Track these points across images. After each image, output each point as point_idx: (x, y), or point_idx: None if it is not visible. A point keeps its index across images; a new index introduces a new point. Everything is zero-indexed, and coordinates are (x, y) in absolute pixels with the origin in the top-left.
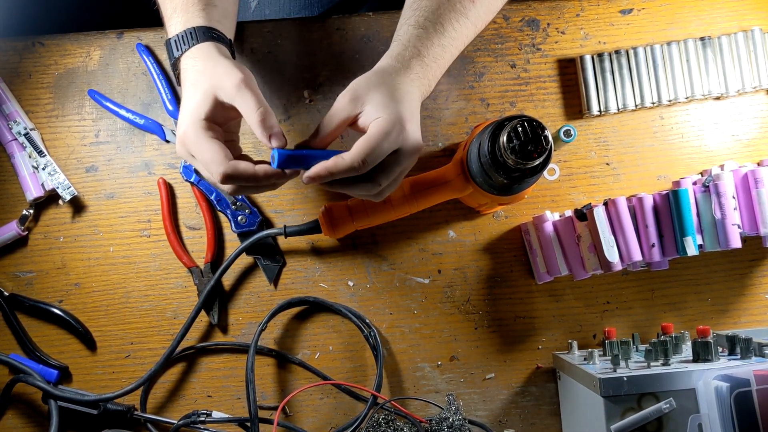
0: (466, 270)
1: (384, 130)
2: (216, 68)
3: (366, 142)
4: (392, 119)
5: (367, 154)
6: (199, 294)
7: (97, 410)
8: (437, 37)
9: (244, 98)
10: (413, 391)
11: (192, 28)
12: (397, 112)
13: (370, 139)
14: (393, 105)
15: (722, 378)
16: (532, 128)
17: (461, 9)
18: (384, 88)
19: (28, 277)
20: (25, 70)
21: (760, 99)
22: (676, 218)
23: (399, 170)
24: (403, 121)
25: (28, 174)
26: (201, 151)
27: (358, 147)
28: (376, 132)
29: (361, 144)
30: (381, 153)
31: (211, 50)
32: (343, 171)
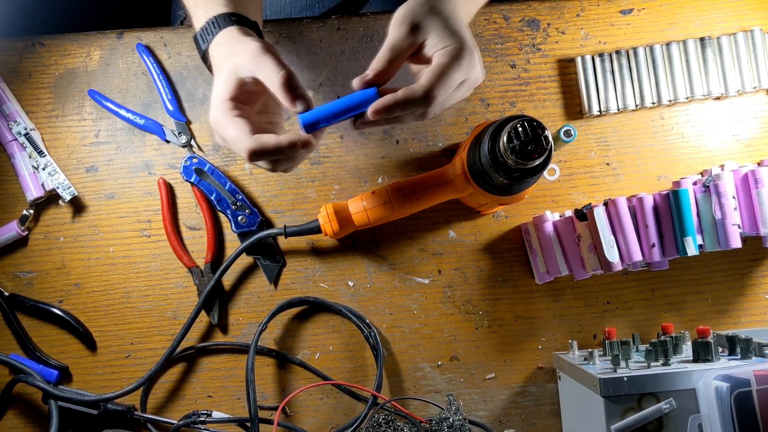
0: (466, 270)
1: (455, 57)
2: (236, 47)
3: (438, 72)
4: (462, 47)
5: (439, 85)
6: (199, 294)
7: (97, 410)
8: None
9: (262, 66)
10: (413, 392)
11: (213, 17)
12: (466, 40)
13: (442, 68)
14: (459, 32)
15: (722, 378)
16: (532, 128)
17: None
18: (441, 15)
19: (28, 277)
20: (25, 70)
21: (760, 99)
22: (677, 218)
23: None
24: (472, 50)
25: (29, 174)
26: (226, 130)
27: (431, 77)
28: (448, 60)
29: (434, 74)
30: (452, 84)
31: (233, 33)
32: (412, 104)
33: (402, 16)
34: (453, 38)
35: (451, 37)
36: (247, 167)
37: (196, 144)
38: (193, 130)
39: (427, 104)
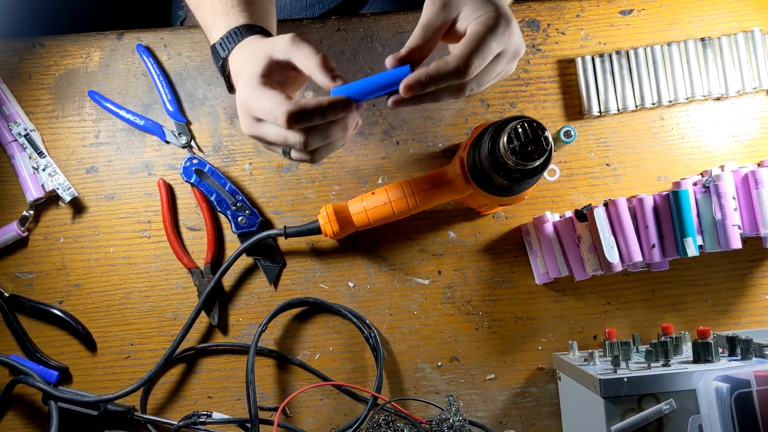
0: (466, 271)
1: (490, 25)
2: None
3: (472, 41)
4: (497, 15)
5: (474, 55)
6: (199, 295)
7: (97, 411)
8: None
9: (299, 49)
10: (413, 392)
11: (235, 28)
12: (501, 8)
13: (476, 37)
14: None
15: (722, 379)
16: (532, 129)
17: None
18: None
19: (28, 278)
20: (25, 70)
21: (761, 99)
22: (677, 219)
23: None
24: (508, 17)
25: (29, 175)
26: (262, 102)
27: (464, 47)
28: (482, 29)
29: (467, 44)
30: (489, 54)
31: (256, 39)
32: (446, 77)
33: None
34: (487, 7)
35: (485, 6)
36: (247, 167)
37: (196, 145)
38: (193, 131)
39: (462, 75)
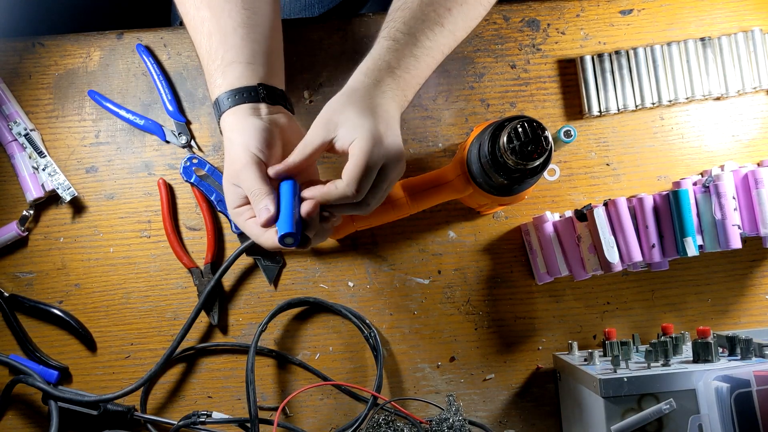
0: (466, 270)
1: (364, 150)
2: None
3: (353, 169)
4: (369, 136)
5: (358, 180)
6: (199, 295)
7: (97, 411)
8: (409, 47)
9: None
10: (413, 392)
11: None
12: (372, 128)
13: (355, 164)
14: (366, 122)
15: (722, 378)
16: (532, 129)
17: (436, 18)
18: (354, 107)
19: (28, 277)
20: (25, 70)
21: (760, 99)
22: (677, 219)
23: (387, 184)
24: (380, 136)
25: (28, 174)
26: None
27: (348, 175)
28: (358, 154)
29: (349, 171)
30: (371, 175)
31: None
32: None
33: (319, 116)
34: (360, 129)
35: (359, 128)
36: None
37: (196, 144)
38: (192, 131)
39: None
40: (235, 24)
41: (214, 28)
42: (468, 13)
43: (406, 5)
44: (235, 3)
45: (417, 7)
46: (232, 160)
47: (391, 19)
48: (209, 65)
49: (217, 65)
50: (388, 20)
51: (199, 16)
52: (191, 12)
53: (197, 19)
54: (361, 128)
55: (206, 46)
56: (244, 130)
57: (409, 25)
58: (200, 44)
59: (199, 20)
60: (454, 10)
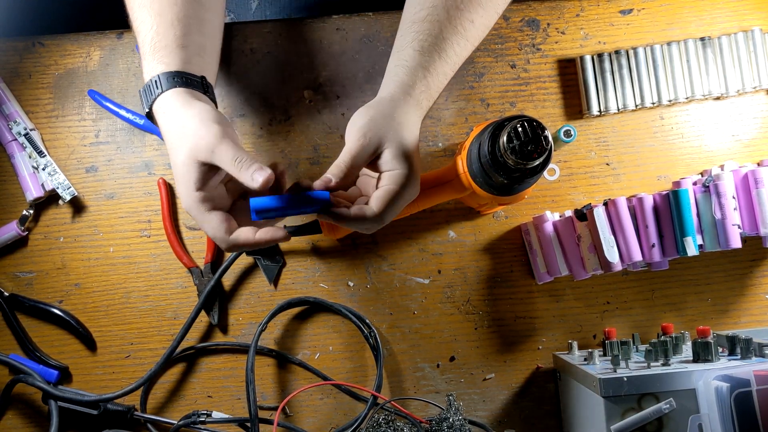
0: (466, 270)
1: (402, 184)
2: (186, 127)
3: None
4: (409, 173)
5: (389, 210)
6: (199, 294)
7: (97, 410)
8: (441, 64)
9: (221, 156)
10: (413, 392)
11: (157, 75)
12: (413, 166)
13: (391, 194)
14: (409, 155)
15: (722, 378)
16: (532, 128)
17: (462, 31)
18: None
19: (28, 277)
20: (25, 70)
21: (760, 99)
22: (677, 218)
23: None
24: (415, 176)
25: (28, 174)
26: (203, 226)
27: (381, 202)
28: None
29: (383, 199)
30: (400, 208)
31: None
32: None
33: (365, 127)
34: (403, 162)
35: (402, 160)
36: None
37: None
38: None
39: (378, 225)
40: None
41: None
42: (486, 23)
43: (431, 17)
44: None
45: (444, 19)
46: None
47: (418, 30)
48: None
49: (166, 44)
50: (414, 30)
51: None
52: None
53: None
54: (406, 162)
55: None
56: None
57: (439, 38)
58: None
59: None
60: (476, 22)
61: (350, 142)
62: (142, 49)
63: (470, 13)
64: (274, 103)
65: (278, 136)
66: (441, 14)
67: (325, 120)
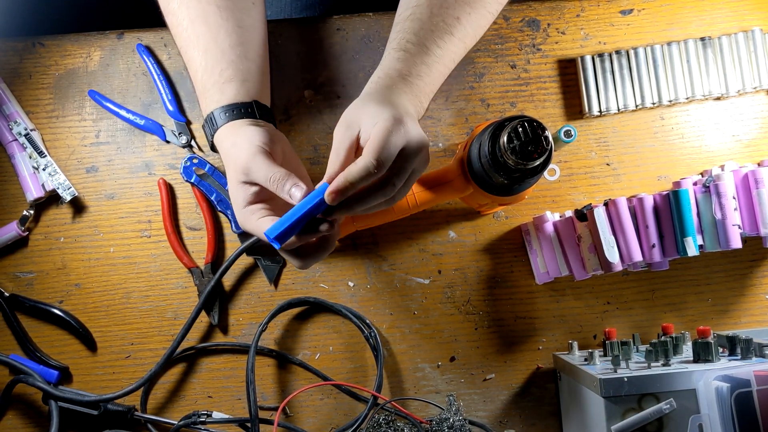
0: (466, 270)
1: (385, 127)
2: (235, 146)
3: (372, 142)
4: (389, 118)
5: (377, 152)
6: (199, 294)
7: (97, 411)
8: (420, 56)
9: (256, 174)
10: (413, 392)
11: (210, 112)
12: (392, 113)
13: (375, 138)
14: (385, 110)
15: (723, 378)
16: (532, 129)
17: (445, 27)
18: (372, 103)
19: (28, 277)
20: (25, 70)
21: (761, 99)
22: (677, 218)
23: (410, 168)
24: (400, 119)
25: (29, 174)
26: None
27: (367, 149)
28: (378, 131)
29: (369, 145)
30: (390, 149)
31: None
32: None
33: (340, 122)
34: (380, 116)
35: (378, 114)
36: None
37: (196, 144)
38: (193, 131)
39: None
40: (232, 42)
41: (211, 44)
42: (477, 21)
43: (414, 16)
44: (231, 21)
45: (426, 17)
46: (236, 159)
47: (400, 29)
48: (205, 80)
49: (215, 80)
50: (396, 30)
51: (195, 31)
52: (185, 24)
53: (192, 33)
54: (380, 115)
55: (201, 61)
56: (245, 133)
57: (419, 35)
58: (193, 58)
59: (194, 35)
60: (462, 19)
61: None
62: (197, 86)
63: (455, 11)
64: (274, 103)
65: None
66: (423, 12)
67: (325, 120)
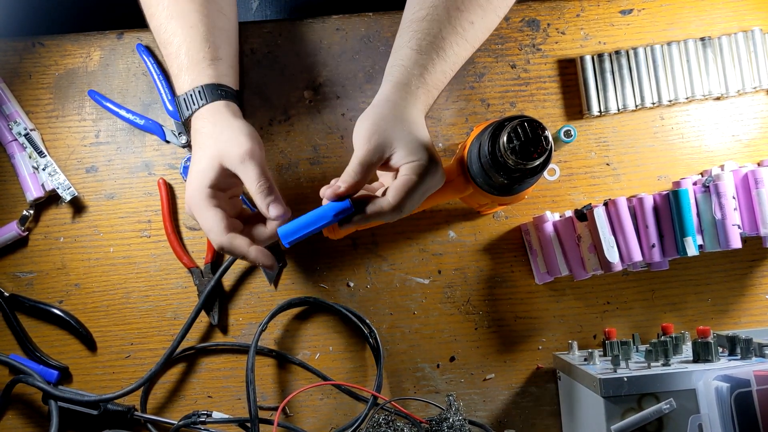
0: (466, 270)
1: (421, 174)
2: (223, 133)
3: (405, 188)
4: (428, 163)
5: (407, 200)
6: (199, 294)
7: (97, 411)
8: (439, 62)
9: (246, 170)
10: (413, 392)
11: (200, 86)
12: (430, 155)
13: (409, 185)
14: (424, 146)
15: (722, 378)
16: (532, 128)
17: (461, 31)
18: (405, 128)
19: (28, 277)
20: (25, 70)
21: (761, 99)
22: (677, 218)
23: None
24: (436, 163)
25: (29, 174)
26: (202, 219)
27: (398, 194)
28: (415, 178)
29: (401, 190)
30: (420, 197)
31: (220, 110)
32: (381, 217)
33: (368, 131)
34: (418, 153)
35: (417, 152)
36: None
37: None
38: None
39: (396, 216)
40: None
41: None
42: (486, 25)
43: (432, 17)
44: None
45: (444, 19)
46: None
47: (416, 29)
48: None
49: (202, 57)
50: (413, 29)
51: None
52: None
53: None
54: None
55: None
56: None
57: (438, 38)
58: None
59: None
60: (476, 23)
61: (357, 148)
62: (177, 59)
63: (470, 14)
64: (274, 103)
65: (278, 136)
66: (441, 14)
67: (325, 120)
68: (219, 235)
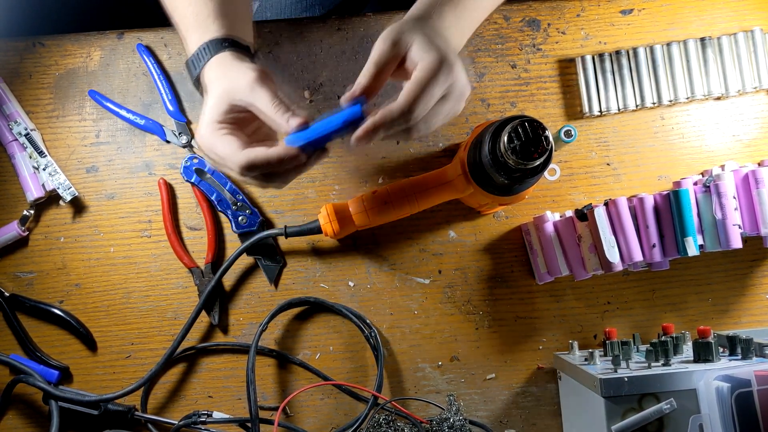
0: (466, 270)
1: (432, 70)
2: (229, 72)
3: (415, 87)
4: (440, 59)
5: (418, 100)
6: (199, 294)
7: (97, 411)
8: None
9: (257, 96)
10: (414, 392)
11: (206, 43)
12: (444, 53)
13: (419, 82)
14: (438, 45)
15: (723, 378)
16: (532, 128)
17: None
18: (424, 32)
19: (28, 277)
20: (25, 70)
21: (761, 99)
22: (677, 218)
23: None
24: (451, 62)
25: (29, 174)
26: (216, 149)
27: (408, 92)
28: (425, 74)
29: (411, 89)
30: (431, 98)
31: (226, 58)
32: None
33: (387, 32)
34: (431, 51)
35: (430, 50)
36: None
37: (196, 144)
38: (193, 131)
39: (408, 119)
40: None
41: None
42: None
43: None
44: None
45: None
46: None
47: None
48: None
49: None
50: None
51: None
52: None
53: None
54: (432, 50)
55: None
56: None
57: None
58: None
59: None
60: None
61: (374, 49)
62: (183, 22)
63: None
64: None
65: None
66: None
67: None
68: (236, 154)
